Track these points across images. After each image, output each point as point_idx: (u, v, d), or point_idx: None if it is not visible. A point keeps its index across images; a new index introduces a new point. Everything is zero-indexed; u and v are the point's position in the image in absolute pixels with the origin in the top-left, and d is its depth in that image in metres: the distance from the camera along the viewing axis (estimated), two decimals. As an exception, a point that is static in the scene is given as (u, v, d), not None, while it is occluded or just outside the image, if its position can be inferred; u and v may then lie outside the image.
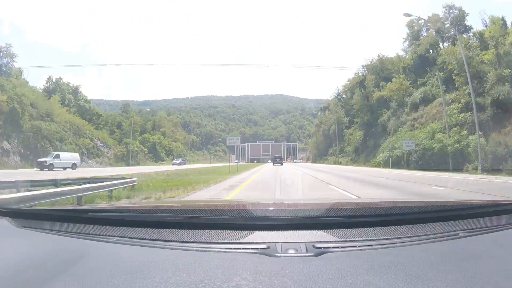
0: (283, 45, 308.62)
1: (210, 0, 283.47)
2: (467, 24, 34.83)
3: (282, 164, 47.40)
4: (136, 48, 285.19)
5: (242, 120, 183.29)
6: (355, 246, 0.97)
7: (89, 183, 8.90)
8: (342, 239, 1.02)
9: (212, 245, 0.99)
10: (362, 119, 46.42)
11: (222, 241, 1.03)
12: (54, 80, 54.33)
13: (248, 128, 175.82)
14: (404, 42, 45.22)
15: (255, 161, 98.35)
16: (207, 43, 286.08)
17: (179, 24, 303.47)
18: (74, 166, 31.15)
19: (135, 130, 60.26)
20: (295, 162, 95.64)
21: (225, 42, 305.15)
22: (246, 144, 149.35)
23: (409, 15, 26.47)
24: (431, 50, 38.81)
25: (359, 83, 49.08)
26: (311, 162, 70.92)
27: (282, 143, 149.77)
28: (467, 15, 35.04)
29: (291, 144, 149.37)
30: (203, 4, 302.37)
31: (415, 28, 42.27)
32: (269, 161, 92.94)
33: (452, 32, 34.42)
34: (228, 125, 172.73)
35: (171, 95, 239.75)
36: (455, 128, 25.67)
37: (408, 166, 27.30)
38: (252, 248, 0.96)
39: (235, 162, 36.43)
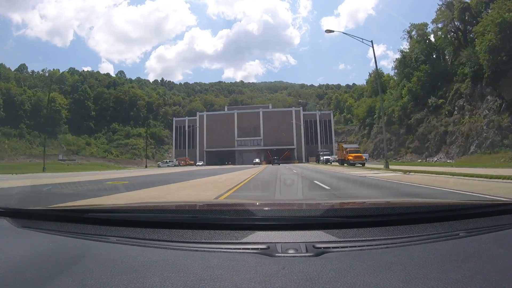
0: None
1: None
2: None
3: (279, 164, 34.18)
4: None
5: (221, 92, 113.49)
6: (355, 246, 0.96)
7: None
8: (342, 239, 1.01)
9: (212, 245, 0.99)
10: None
11: (222, 241, 1.03)
12: None
13: (223, 97, 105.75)
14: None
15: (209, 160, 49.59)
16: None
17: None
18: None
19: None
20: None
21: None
22: (199, 114, 70.98)
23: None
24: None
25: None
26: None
27: (292, 108, 68.89)
28: None
29: (316, 113, 66.05)
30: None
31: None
32: (256, 159, 46.56)
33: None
34: (190, 97, 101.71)
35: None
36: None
37: None
38: (252, 248, 0.96)
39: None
